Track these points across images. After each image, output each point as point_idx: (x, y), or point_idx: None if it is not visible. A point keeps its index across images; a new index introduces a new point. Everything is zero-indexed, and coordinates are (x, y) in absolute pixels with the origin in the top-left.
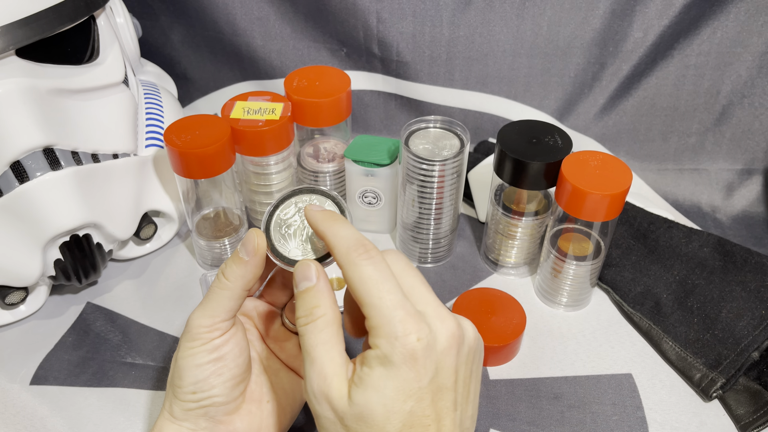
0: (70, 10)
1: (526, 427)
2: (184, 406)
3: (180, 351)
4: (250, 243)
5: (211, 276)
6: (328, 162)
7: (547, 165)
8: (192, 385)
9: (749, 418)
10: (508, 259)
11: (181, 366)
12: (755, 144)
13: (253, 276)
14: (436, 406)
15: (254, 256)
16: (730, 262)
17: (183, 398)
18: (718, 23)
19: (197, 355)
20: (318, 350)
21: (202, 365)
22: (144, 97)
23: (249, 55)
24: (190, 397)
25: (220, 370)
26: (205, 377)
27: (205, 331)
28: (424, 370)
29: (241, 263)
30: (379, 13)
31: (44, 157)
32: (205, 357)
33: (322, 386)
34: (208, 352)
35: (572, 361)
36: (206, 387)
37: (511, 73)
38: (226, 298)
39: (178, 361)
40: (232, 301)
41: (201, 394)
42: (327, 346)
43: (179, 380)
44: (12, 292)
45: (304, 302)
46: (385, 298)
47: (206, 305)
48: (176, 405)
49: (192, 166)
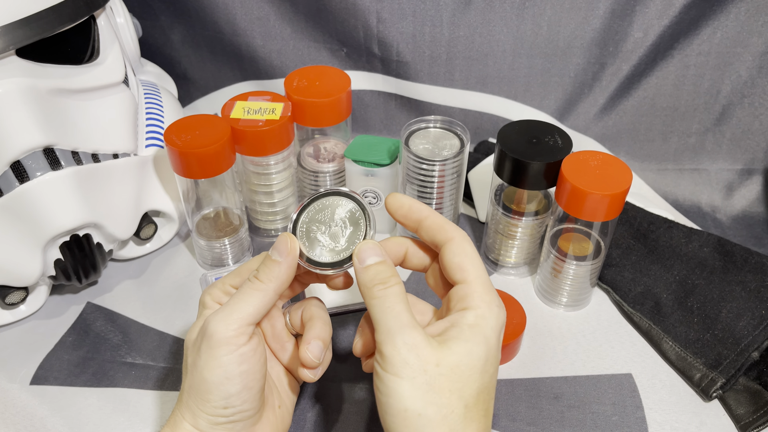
0: (71, 10)
1: (526, 427)
2: (214, 420)
3: (203, 360)
4: (282, 245)
5: (212, 276)
6: (328, 162)
7: (547, 165)
8: (223, 399)
9: (749, 418)
10: (508, 259)
11: (208, 379)
12: (755, 144)
13: (287, 277)
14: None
15: (287, 256)
16: (730, 262)
17: (211, 412)
18: (718, 23)
19: (226, 366)
20: (399, 308)
21: (231, 378)
22: (144, 97)
23: (249, 55)
24: (221, 412)
25: (251, 383)
26: (237, 391)
27: (233, 335)
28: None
29: (275, 264)
30: (379, 13)
31: (44, 157)
32: (234, 369)
33: (411, 335)
34: (237, 364)
35: (572, 361)
36: (238, 402)
37: (511, 73)
38: (259, 301)
39: (201, 371)
40: (264, 304)
41: (232, 408)
42: (406, 307)
43: (207, 394)
44: (12, 292)
45: (377, 273)
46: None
47: (233, 309)
48: (202, 419)
49: (192, 166)
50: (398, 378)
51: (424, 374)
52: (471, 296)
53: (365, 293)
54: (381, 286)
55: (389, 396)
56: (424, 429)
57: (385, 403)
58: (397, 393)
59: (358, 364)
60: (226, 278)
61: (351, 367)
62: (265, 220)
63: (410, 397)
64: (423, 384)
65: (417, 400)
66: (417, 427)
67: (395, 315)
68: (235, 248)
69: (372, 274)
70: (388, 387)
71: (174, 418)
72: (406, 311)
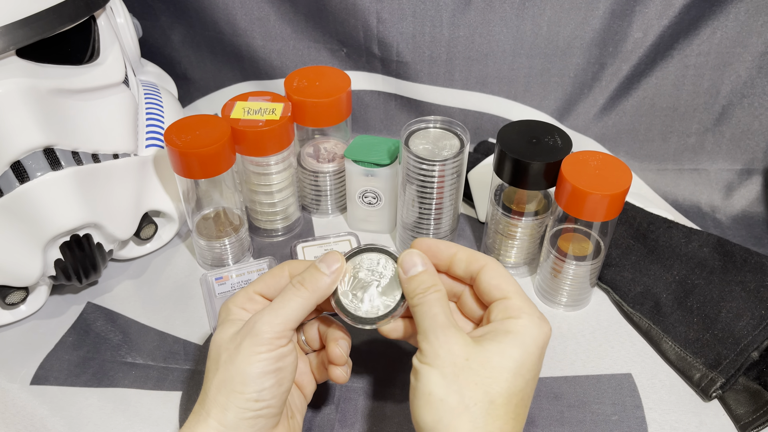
0: (71, 10)
1: (526, 427)
2: (243, 414)
3: (243, 355)
4: (332, 259)
5: (212, 276)
6: (328, 162)
7: (547, 165)
8: (256, 392)
9: (749, 417)
10: (508, 259)
11: (246, 371)
12: (755, 144)
13: (329, 290)
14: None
15: (333, 273)
16: (730, 262)
17: (243, 405)
18: (717, 23)
19: (265, 361)
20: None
21: (268, 373)
22: (144, 97)
23: (249, 55)
24: (252, 405)
25: (282, 380)
26: (270, 385)
27: (276, 336)
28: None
29: (321, 274)
30: (379, 14)
31: (44, 157)
32: (271, 365)
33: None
34: (274, 360)
35: (572, 361)
36: (269, 396)
37: (511, 73)
38: (301, 306)
39: (239, 365)
40: (304, 310)
41: (262, 402)
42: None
43: (242, 386)
44: (12, 292)
45: (420, 282)
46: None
47: (279, 311)
48: (231, 412)
49: (192, 166)
50: (430, 366)
51: (453, 366)
52: (512, 308)
53: (410, 299)
54: (422, 294)
55: (419, 381)
56: (445, 414)
57: (415, 387)
58: (426, 378)
59: (361, 365)
60: (250, 286)
61: (355, 367)
62: (265, 220)
63: (436, 383)
64: (450, 374)
65: (442, 387)
66: (438, 410)
67: (432, 316)
68: (235, 248)
69: (416, 283)
70: (419, 374)
71: (195, 418)
72: (442, 313)
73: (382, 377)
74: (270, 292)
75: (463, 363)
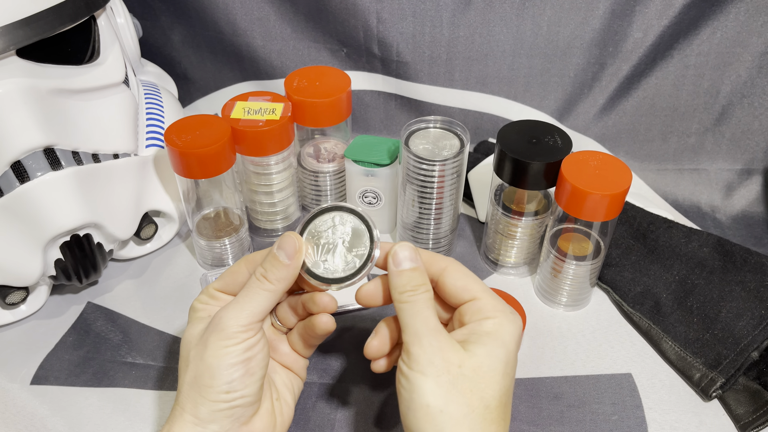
0: (71, 11)
1: (526, 427)
2: (215, 407)
3: (210, 350)
4: (290, 246)
5: (212, 276)
6: (329, 162)
7: (546, 165)
8: (226, 384)
9: (749, 417)
10: (508, 259)
11: (214, 365)
12: (755, 144)
13: (293, 277)
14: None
15: (294, 259)
16: (730, 262)
17: (214, 398)
18: (717, 23)
19: (231, 354)
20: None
21: (235, 364)
22: (144, 97)
23: (249, 55)
24: (223, 397)
25: (253, 369)
26: (239, 376)
27: (241, 330)
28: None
29: (282, 266)
30: (379, 14)
31: (45, 157)
32: (238, 356)
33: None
34: (241, 352)
35: (572, 360)
36: (240, 386)
37: (511, 73)
38: (267, 300)
39: (207, 360)
40: (271, 303)
41: (234, 393)
42: (434, 312)
43: (210, 380)
44: (13, 292)
45: (410, 279)
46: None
47: (244, 305)
48: (204, 406)
49: (192, 166)
50: (423, 375)
51: (448, 374)
52: (485, 308)
53: (396, 296)
54: (412, 291)
55: (413, 392)
56: (445, 425)
57: (408, 399)
58: (421, 389)
59: (358, 364)
60: (211, 285)
61: (353, 367)
62: (265, 220)
63: (433, 393)
64: (446, 383)
65: (439, 397)
66: (438, 422)
67: (423, 319)
68: (235, 248)
69: (406, 279)
70: (412, 384)
71: (172, 416)
72: (433, 317)
73: (382, 377)
74: (230, 289)
75: (457, 371)
